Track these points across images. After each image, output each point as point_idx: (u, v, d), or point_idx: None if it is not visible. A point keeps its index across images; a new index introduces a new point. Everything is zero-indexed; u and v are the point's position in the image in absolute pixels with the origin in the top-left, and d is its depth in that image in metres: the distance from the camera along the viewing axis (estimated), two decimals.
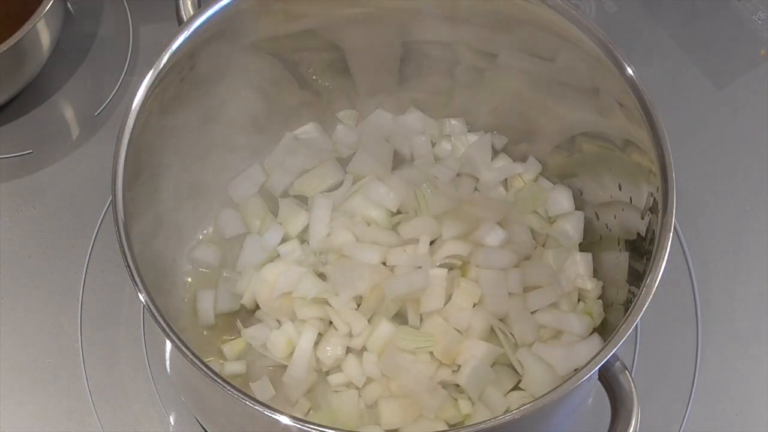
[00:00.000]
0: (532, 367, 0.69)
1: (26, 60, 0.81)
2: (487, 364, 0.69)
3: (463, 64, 0.76)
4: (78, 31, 0.89)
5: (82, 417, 0.73)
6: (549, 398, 0.56)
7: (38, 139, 0.84)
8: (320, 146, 0.78)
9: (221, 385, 0.56)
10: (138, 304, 0.64)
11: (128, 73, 0.87)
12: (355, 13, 0.74)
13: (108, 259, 0.78)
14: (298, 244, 0.74)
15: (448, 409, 0.68)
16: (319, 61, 0.76)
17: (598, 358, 0.57)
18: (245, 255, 0.74)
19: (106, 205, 0.80)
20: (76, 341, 0.76)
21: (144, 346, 0.75)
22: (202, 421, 0.71)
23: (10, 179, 0.82)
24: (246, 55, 0.72)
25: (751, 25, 0.90)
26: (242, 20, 0.70)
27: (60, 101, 0.86)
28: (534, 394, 0.68)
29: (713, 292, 0.78)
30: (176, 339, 0.57)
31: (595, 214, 0.74)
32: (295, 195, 0.77)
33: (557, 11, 0.68)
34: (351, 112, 0.80)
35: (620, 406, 0.59)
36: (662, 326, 0.76)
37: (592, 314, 0.71)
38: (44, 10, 0.77)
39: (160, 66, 0.66)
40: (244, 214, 0.76)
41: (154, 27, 0.89)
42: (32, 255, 0.79)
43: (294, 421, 0.55)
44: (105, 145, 0.80)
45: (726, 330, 0.77)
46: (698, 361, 0.76)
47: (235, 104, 0.73)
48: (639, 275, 0.62)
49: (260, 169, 0.78)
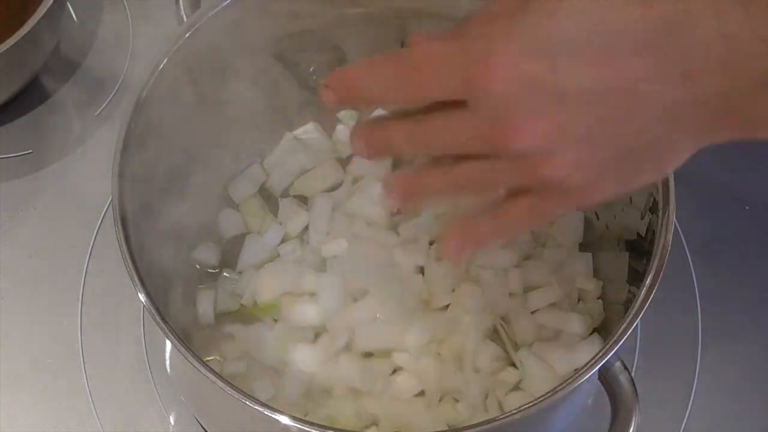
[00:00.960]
0: (532, 367, 0.69)
1: (26, 60, 0.81)
2: (487, 364, 0.69)
3: None
4: (78, 31, 0.89)
5: (82, 417, 0.73)
6: (549, 398, 0.56)
7: (38, 139, 0.84)
8: (320, 146, 0.78)
9: (221, 385, 0.56)
10: (138, 304, 0.64)
11: (128, 73, 0.87)
12: (355, 13, 0.74)
13: (108, 259, 0.78)
14: (298, 244, 0.74)
15: (448, 409, 0.68)
16: (319, 61, 0.76)
17: (598, 358, 0.57)
18: (245, 255, 0.74)
19: (106, 205, 0.80)
20: (76, 341, 0.76)
21: (144, 346, 0.75)
22: (202, 421, 0.71)
23: (10, 179, 0.82)
24: (246, 55, 0.72)
25: None
26: (242, 20, 0.70)
27: (60, 101, 0.86)
28: (534, 394, 0.68)
29: (714, 292, 0.78)
30: (176, 339, 0.57)
31: (595, 214, 0.74)
32: (295, 195, 0.77)
33: None
34: (351, 112, 0.80)
35: (620, 406, 0.59)
36: (662, 326, 0.76)
37: (592, 314, 0.71)
38: (44, 10, 0.77)
39: (160, 66, 0.66)
40: (244, 214, 0.76)
41: (154, 27, 0.89)
42: (32, 255, 0.79)
43: (294, 421, 0.55)
44: (105, 145, 0.80)
45: (727, 330, 0.77)
46: (699, 361, 0.76)
47: (235, 104, 0.73)
48: (639, 275, 0.62)
49: (260, 169, 0.78)
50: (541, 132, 0.47)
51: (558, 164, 0.48)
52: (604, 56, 0.46)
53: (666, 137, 0.48)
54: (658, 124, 0.47)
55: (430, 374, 0.69)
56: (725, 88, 0.46)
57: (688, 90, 0.47)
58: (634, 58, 0.46)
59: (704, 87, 0.46)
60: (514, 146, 0.48)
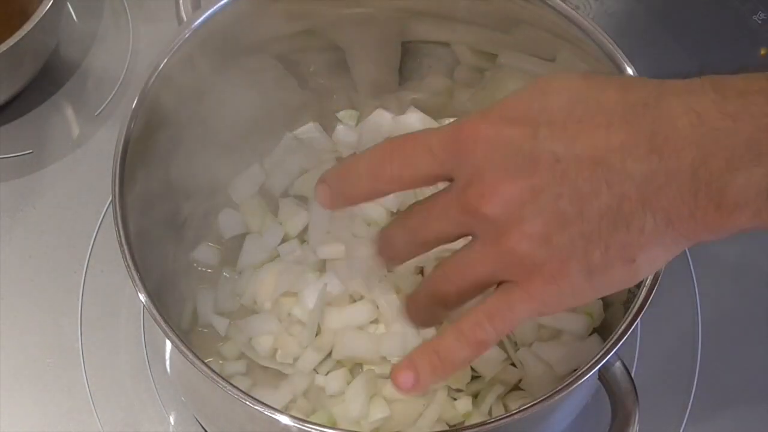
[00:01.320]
0: (532, 367, 0.69)
1: (26, 60, 0.81)
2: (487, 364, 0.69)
3: (463, 64, 0.76)
4: (78, 31, 0.89)
5: (82, 417, 0.73)
6: (549, 398, 0.56)
7: (38, 139, 0.84)
8: (320, 146, 0.78)
9: (221, 385, 0.56)
10: (138, 304, 0.64)
11: (128, 73, 0.87)
12: (355, 13, 0.74)
13: (108, 259, 0.78)
14: (298, 244, 0.74)
15: (448, 409, 0.68)
16: (319, 61, 0.76)
17: (598, 358, 0.57)
18: (245, 255, 0.74)
19: (106, 205, 0.80)
20: (76, 341, 0.76)
21: (144, 346, 0.75)
22: (202, 421, 0.71)
23: (10, 179, 0.82)
24: (246, 55, 0.72)
25: (751, 25, 0.90)
26: (242, 20, 0.70)
27: (60, 101, 0.86)
28: (534, 394, 0.68)
29: (714, 292, 0.78)
30: (176, 339, 0.57)
31: None
32: (295, 195, 0.77)
33: (557, 11, 0.68)
34: (351, 112, 0.80)
35: (620, 406, 0.59)
36: (662, 326, 0.76)
37: (592, 314, 0.71)
38: (44, 10, 0.77)
39: (160, 66, 0.66)
40: (244, 214, 0.76)
41: (154, 27, 0.89)
42: (32, 255, 0.79)
43: (294, 421, 0.55)
44: (105, 145, 0.80)
45: (727, 330, 0.77)
46: (699, 361, 0.76)
47: (235, 104, 0.73)
48: None
49: (260, 169, 0.78)
50: (513, 195, 0.48)
51: (523, 235, 0.48)
52: (580, 127, 0.48)
53: (634, 222, 0.48)
54: (625, 202, 0.47)
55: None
56: (694, 162, 0.47)
57: (656, 164, 0.47)
58: (606, 131, 0.48)
59: (672, 160, 0.47)
60: (486, 209, 0.49)
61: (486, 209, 0.49)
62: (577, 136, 0.48)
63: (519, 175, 0.48)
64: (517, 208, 0.48)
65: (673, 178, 0.47)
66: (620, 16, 0.90)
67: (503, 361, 0.69)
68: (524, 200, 0.48)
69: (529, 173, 0.48)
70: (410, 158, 0.52)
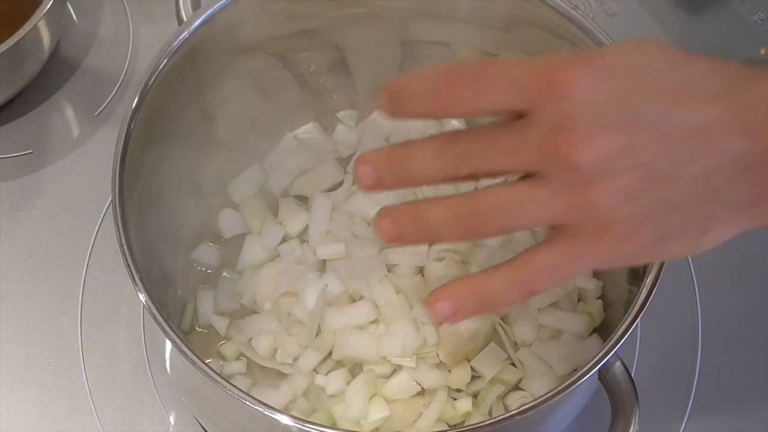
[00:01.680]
0: (532, 367, 0.69)
1: (26, 60, 0.81)
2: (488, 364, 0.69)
3: None
4: (78, 31, 0.89)
5: (82, 417, 0.73)
6: (549, 398, 0.56)
7: (38, 139, 0.84)
8: (320, 146, 0.78)
9: (221, 386, 0.56)
10: (138, 304, 0.64)
11: (128, 73, 0.87)
12: (355, 13, 0.74)
13: (108, 259, 0.78)
14: (298, 244, 0.74)
15: (448, 409, 0.68)
16: (319, 61, 0.76)
17: (598, 358, 0.57)
18: (245, 255, 0.74)
19: (106, 205, 0.80)
20: (76, 341, 0.76)
21: (144, 346, 0.75)
22: (202, 421, 0.71)
23: (10, 179, 0.82)
24: (246, 55, 0.72)
25: (751, 25, 0.90)
26: (242, 20, 0.70)
27: (60, 101, 0.86)
28: (534, 394, 0.68)
29: (714, 291, 0.78)
30: (176, 339, 0.57)
31: None
32: (295, 195, 0.77)
33: (557, 11, 0.68)
34: (351, 112, 0.80)
35: (620, 406, 0.59)
36: (662, 326, 0.76)
37: (592, 314, 0.71)
38: (44, 10, 0.77)
39: (160, 66, 0.66)
40: (244, 214, 0.76)
41: (154, 27, 0.89)
42: (32, 255, 0.79)
43: (294, 421, 0.55)
44: (105, 145, 0.80)
45: (727, 330, 0.77)
46: (699, 361, 0.76)
47: (235, 104, 0.73)
48: (639, 275, 0.62)
49: (260, 169, 0.78)
50: (609, 148, 0.47)
51: (612, 188, 0.47)
52: (682, 94, 0.48)
53: (720, 195, 0.48)
54: (716, 175, 0.47)
55: (430, 375, 0.69)
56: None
57: (750, 143, 0.47)
58: (706, 103, 0.47)
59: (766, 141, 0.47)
60: (578, 156, 0.47)
61: (577, 157, 0.46)
62: (679, 101, 0.47)
63: (618, 128, 0.47)
64: (612, 160, 0.47)
65: (764, 159, 0.47)
66: (620, 16, 0.90)
67: (503, 361, 0.69)
68: (620, 154, 0.47)
69: (629, 128, 0.47)
70: (488, 86, 0.49)
